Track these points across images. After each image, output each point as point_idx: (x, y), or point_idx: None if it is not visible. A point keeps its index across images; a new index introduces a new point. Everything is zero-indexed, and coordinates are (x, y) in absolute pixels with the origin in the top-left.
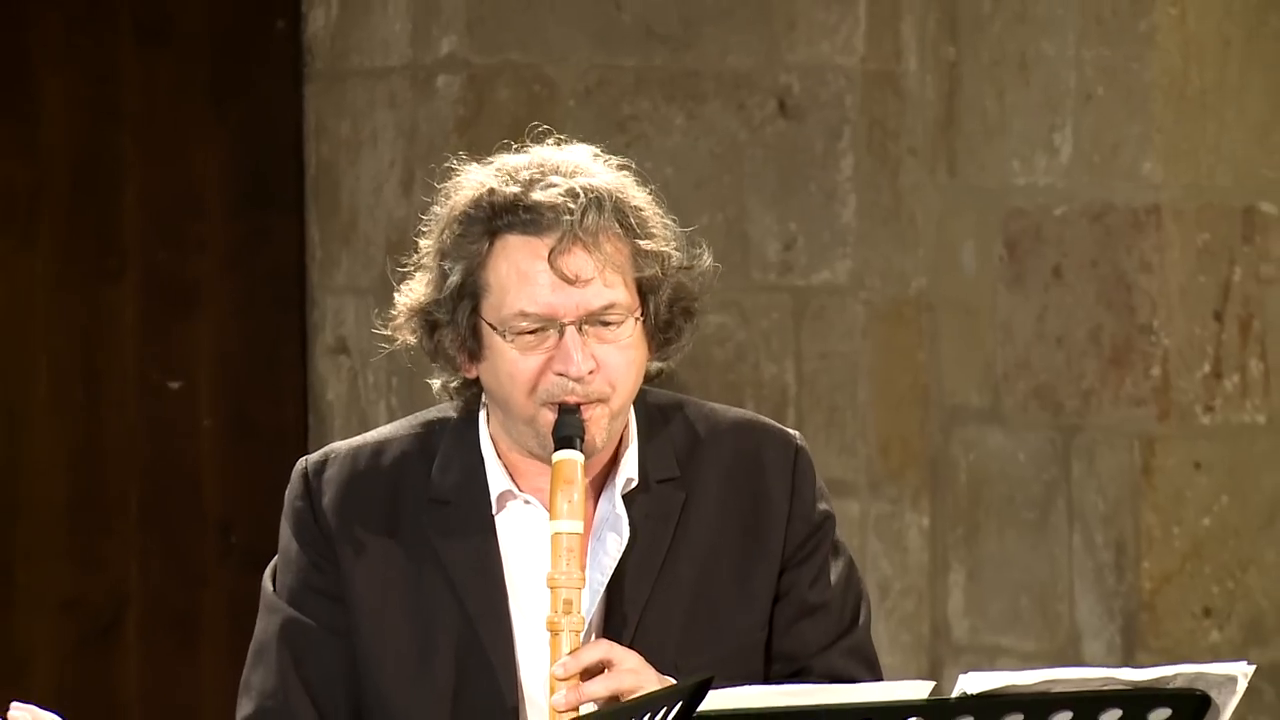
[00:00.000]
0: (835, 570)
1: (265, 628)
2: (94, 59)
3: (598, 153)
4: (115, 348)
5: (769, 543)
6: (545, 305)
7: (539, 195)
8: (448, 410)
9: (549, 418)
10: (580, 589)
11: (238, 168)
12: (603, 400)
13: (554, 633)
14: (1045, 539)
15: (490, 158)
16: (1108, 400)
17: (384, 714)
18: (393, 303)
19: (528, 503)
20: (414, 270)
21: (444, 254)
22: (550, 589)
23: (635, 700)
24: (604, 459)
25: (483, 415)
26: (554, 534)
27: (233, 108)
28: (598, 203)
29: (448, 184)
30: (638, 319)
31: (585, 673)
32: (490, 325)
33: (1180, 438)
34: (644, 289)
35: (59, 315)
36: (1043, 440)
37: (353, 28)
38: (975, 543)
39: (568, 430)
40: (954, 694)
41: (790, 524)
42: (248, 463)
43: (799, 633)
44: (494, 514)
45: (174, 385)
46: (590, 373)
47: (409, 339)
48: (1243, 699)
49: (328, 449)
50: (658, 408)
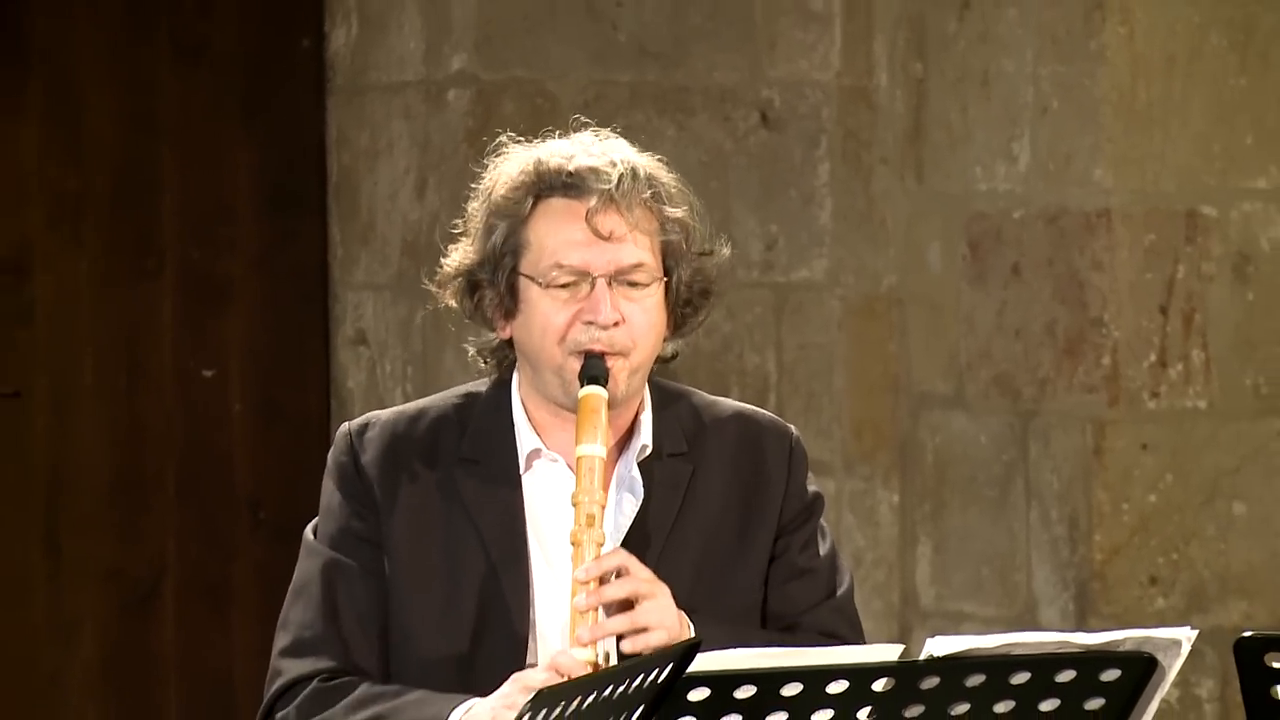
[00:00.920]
0: (823, 545)
1: (305, 569)
2: (135, 75)
3: (636, 148)
4: (154, 340)
5: (766, 513)
6: (581, 259)
7: (581, 163)
8: (482, 385)
9: (575, 365)
10: (602, 505)
11: (266, 175)
12: (624, 354)
13: (576, 544)
14: (1005, 514)
15: (534, 140)
16: (1062, 387)
17: (410, 650)
18: (439, 266)
19: (554, 461)
20: (459, 235)
21: (490, 214)
22: (574, 505)
23: (630, 662)
24: (622, 428)
25: (514, 381)
26: (579, 457)
27: (261, 120)
28: (633, 172)
29: (494, 158)
30: (662, 282)
31: (608, 607)
32: (528, 278)
33: (1128, 422)
34: (668, 260)
35: (103, 309)
36: (1002, 424)
37: (371, 46)
38: (941, 518)
39: (593, 370)
40: (922, 656)
41: (786, 499)
42: (275, 445)
43: (789, 593)
44: (521, 473)
45: (207, 374)
46: (616, 324)
47: (450, 302)
48: (1186, 661)
49: (369, 415)
50: (667, 393)
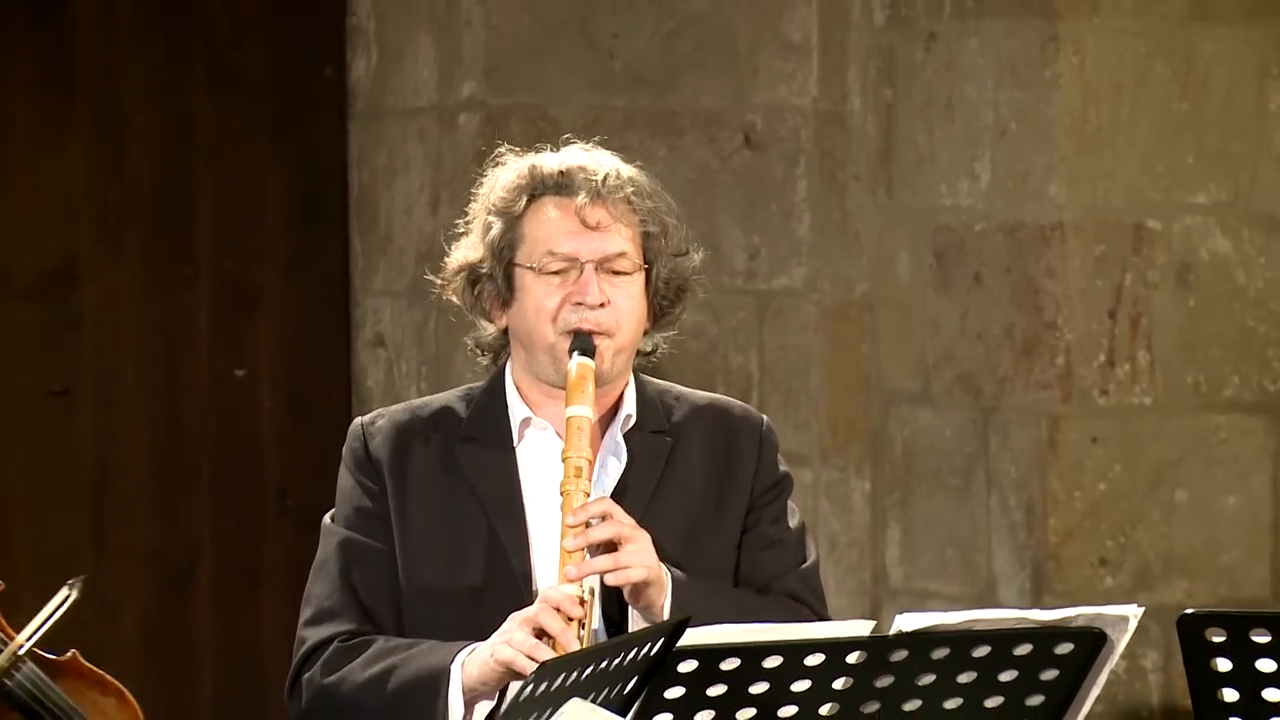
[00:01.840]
0: (792, 521)
1: (324, 549)
2: (174, 100)
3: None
4: (191, 342)
5: (739, 487)
6: (571, 247)
7: (570, 163)
8: (480, 383)
9: (566, 344)
10: (589, 460)
11: (293, 191)
12: (609, 334)
13: (565, 494)
14: (967, 501)
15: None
16: (1020, 385)
17: (423, 609)
18: (455, 312)
19: (544, 429)
20: (462, 234)
21: (489, 213)
22: (563, 460)
23: (626, 637)
24: (608, 403)
25: (508, 367)
26: (568, 418)
27: (289, 141)
28: (616, 173)
29: (492, 167)
30: (643, 271)
31: (594, 548)
32: (524, 267)
33: (1080, 417)
34: (648, 253)
35: (144, 314)
36: (965, 419)
37: (389, 75)
38: (909, 504)
39: (583, 344)
40: (891, 631)
41: (757, 475)
42: (301, 438)
43: (760, 561)
44: (515, 444)
45: (239, 373)
46: (602, 305)
47: (453, 297)
48: (1132, 635)
49: (379, 410)
50: (649, 385)
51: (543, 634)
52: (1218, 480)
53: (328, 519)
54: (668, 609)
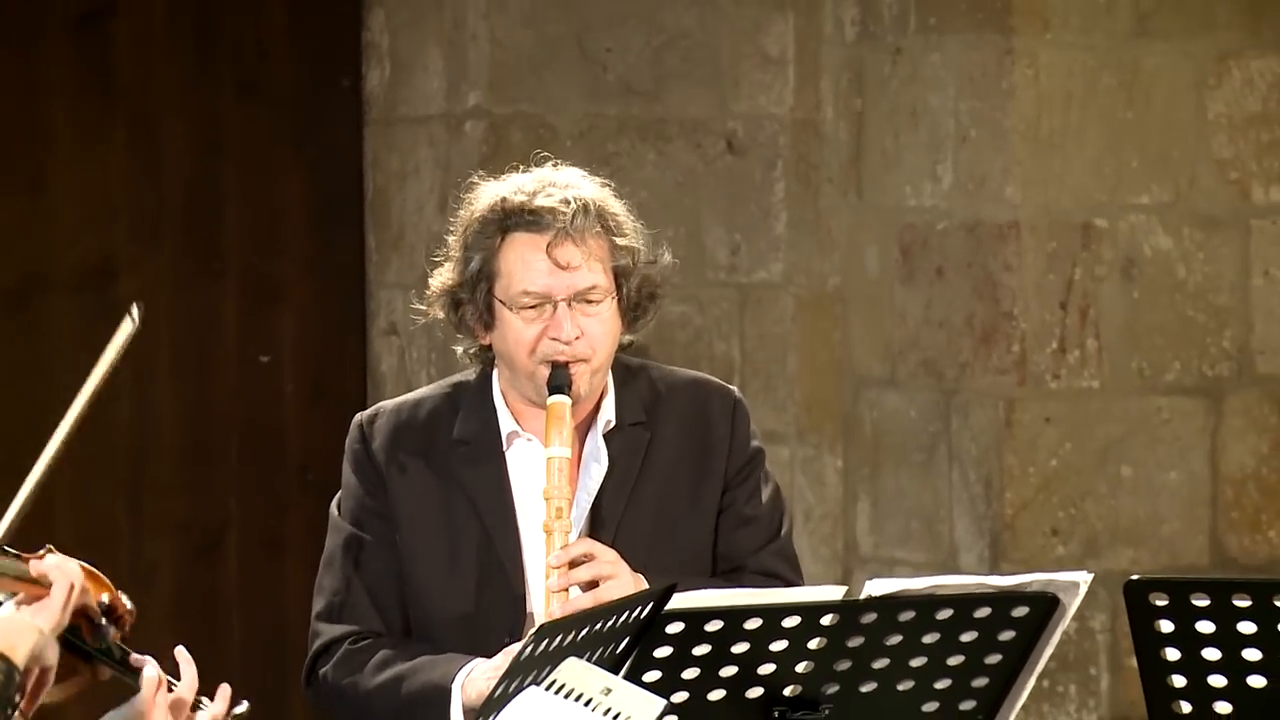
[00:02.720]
0: (765, 492)
1: (333, 543)
2: (204, 109)
3: (585, 173)
4: (219, 331)
5: (714, 470)
6: (543, 286)
7: (540, 202)
8: (469, 375)
9: (544, 373)
10: (569, 499)
11: (313, 192)
12: (585, 360)
13: (548, 533)
14: (931, 476)
15: (503, 177)
16: (979, 370)
17: (424, 606)
18: (427, 287)
19: (529, 440)
20: (443, 261)
21: (466, 246)
22: (545, 500)
23: (618, 601)
24: (588, 406)
25: (495, 375)
26: (548, 458)
27: (309, 146)
28: (585, 208)
29: (469, 194)
30: (614, 298)
31: (573, 563)
32: (501, 302)
33: (1034, 399)
34: (618, 276)
35: (176, 305)
36: (929, 401)
37: (401, 85)
38: (877, 479)
39: (559, 381)
40: (862, 595)
41: (730, 456)
42: (321, 418)
43: (736, 539)
44: (504, 450)
45: (264, 359)
46: (576, 338)
47: (439, 314)
48: (1082, 599)
49: (377, 406)
50: (628, 368)
51: None
52: (1160, 457)
53: (335, 508)
54: None
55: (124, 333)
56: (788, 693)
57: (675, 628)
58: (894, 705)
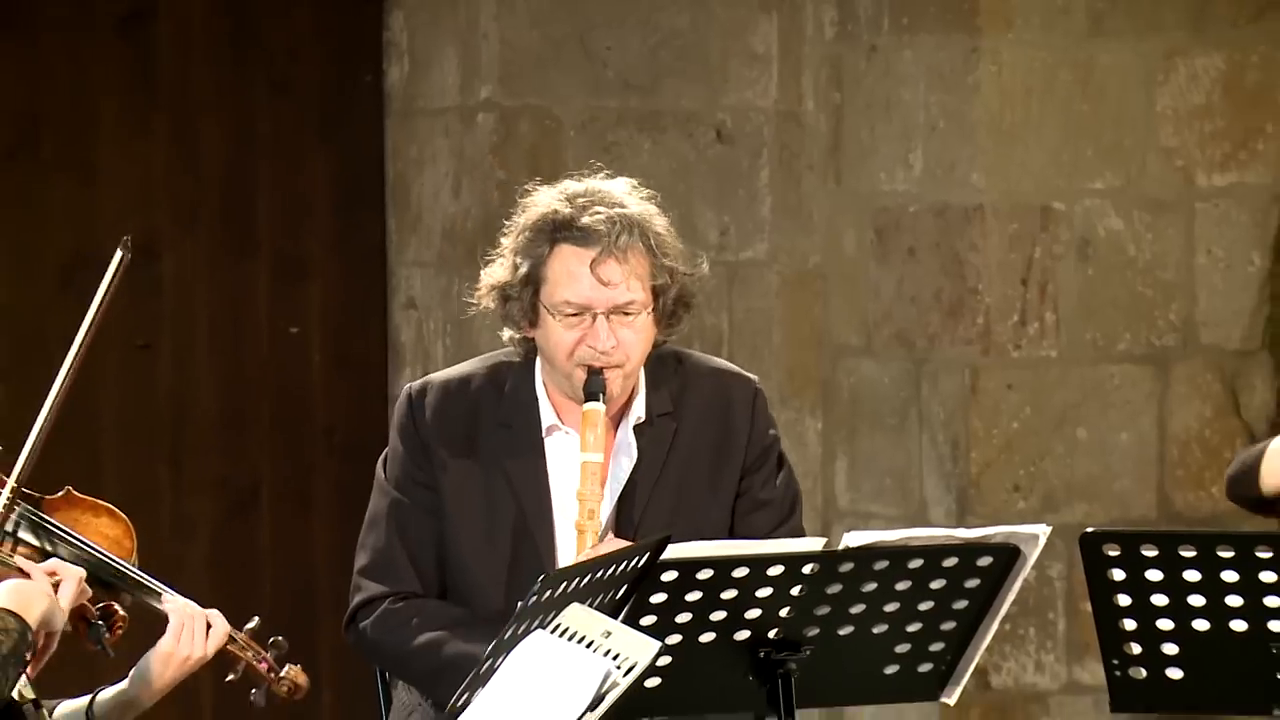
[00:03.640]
0: (780, 477)
1: (378, 504)
2: (238, 104)
3: (632, 188)
4: (253, 304)
5: (733, 457)
6: (584, 299)
7: (588, 219)
8: (514, 355)
9: (581, 375)
10: (600, 501)
11: (339, 179)
12: (619, 366)
13: (580, 532)
14: (903, 437)
15: (559, 181)
16: (947, 341)
17: (461, 577)
18: (476, 280)
19: (568, 434)
20: (495, 259)
21: (518, 251)
22: (579, 501)
23: (615, 551)
24: (621, 401)
25: (538, 363)
26: (583, 463)
27: (335, 137)
28: (629, 228)
29: (524, 199)
30: (650, 312)
31: None
32: (545, 306)
33: (997, 367)
34: (656, 291)
35: (213, 282)
36: (901, 369)
37: (419, 80)
38: (854, 440)
39: (594, 387)
40: (840, 546)
41: (749, 445)
42: (346, 386)
43: (751, 521)
44: (544, 439)
45: (294, 331)
46: (612, 347)
47: (489, 305)
48: (1041, 550)
49: (427, 379)
50: (661, 358)
51: None
52: (1112, 420)
53: (380, 469)
54: None
55: (117, 261)
56: (772, 635)
57: (669, 576)
58: (869, 646)
